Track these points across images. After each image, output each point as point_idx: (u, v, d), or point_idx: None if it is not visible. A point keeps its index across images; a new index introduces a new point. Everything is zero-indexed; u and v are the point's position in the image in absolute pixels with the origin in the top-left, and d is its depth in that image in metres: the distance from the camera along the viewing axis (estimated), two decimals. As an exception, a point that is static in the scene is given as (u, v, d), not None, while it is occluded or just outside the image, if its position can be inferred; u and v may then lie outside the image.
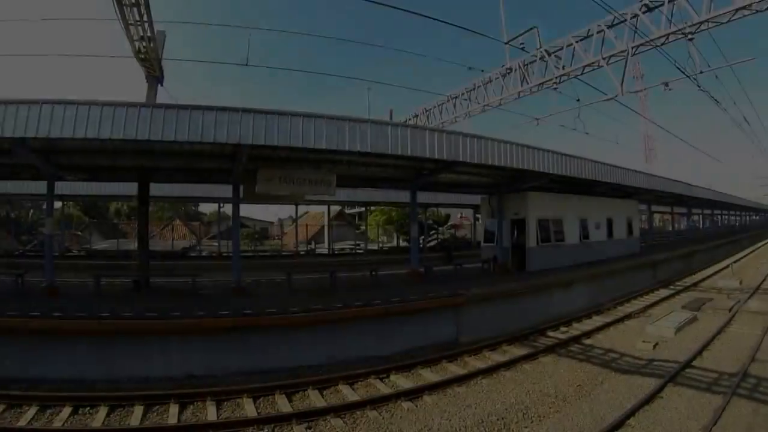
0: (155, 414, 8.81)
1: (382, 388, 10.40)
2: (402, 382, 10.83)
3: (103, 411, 8.74)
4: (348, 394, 10.05)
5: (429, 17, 11.95)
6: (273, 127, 11.89)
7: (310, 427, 8.44)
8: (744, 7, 12.52)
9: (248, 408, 9.14)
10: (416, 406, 9.42)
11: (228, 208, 28.97)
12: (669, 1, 13.83)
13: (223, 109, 11.52)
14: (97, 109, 10.70)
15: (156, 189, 22.79)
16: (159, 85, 16.22)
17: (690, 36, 13.82)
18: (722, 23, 13.36)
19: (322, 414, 8.83)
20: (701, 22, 13.37)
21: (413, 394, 9.91)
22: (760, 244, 58.96)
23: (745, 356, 12.19)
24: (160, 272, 19.66)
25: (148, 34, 14.40)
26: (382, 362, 12.21)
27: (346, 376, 10.82)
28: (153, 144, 12.32)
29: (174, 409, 8.90)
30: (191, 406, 9.17)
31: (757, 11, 12.60)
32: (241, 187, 15.89)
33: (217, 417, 8.74)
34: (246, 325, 11.54)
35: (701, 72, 14.98)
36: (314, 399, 9.77)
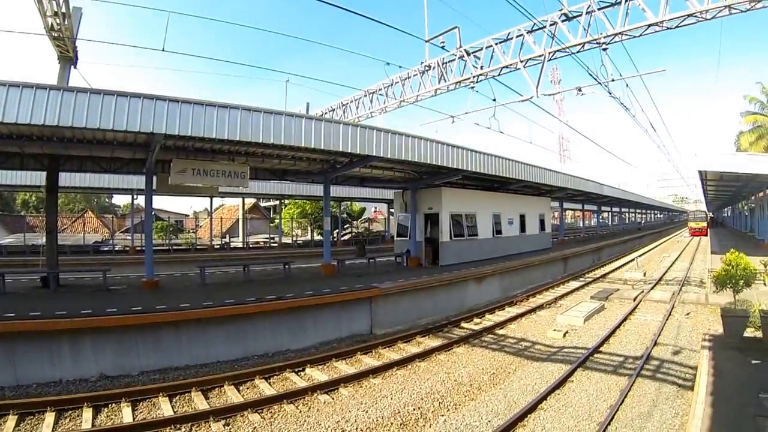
0: (68, 420, 8.33)
1: (299, 382, 10.38)
2: (318, 375, 10.85)
3: (11, 420, 8.15)
4: (265, 388, 9.96)
5: (352, 11, 11.89)
6: (187, 117, 11.58)
7: (228, 424, 8.30)
8: (655, 24, 13.25)
9: (164, 407, 8.86)
10: (333, 399, 9.47)
11: (143, 200, 28.03)
12: (586, 13, 14.40)
13: (137, 95, 11.07)
14: (2, 90, 9.94)
15: (66, 179, 21.86)
16: (72, 66, 15.34)
17: (604, 46, 14.45)
18: (635, 36, 14.07)
19: (240, 410, 8.72)
20: (615, 34, 14.02)
21: (330, 386, 9.97)
22: (663, 239, 62.83)
23: (648, 341, 13.14)
24: (70, 268, 18.77)
25: (63, 9, 13.49)
26: (298, 355, 12.25)
27: (262, 371, 10.72)
28: (63, 130, 11.77)
29: (87, 413, 8.47)
30: (105, 409, 8.75)
31: (668, 28, 13.37)
32: (155, 179, 15.39)
33: (133, 419, 8.39)
34: (158, 320, 11.13)
35: (612, 80, 15.68)
36: (231, 395, 9.62)
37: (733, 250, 11.29)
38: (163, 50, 14.44)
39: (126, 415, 8.52)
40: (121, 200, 68.09)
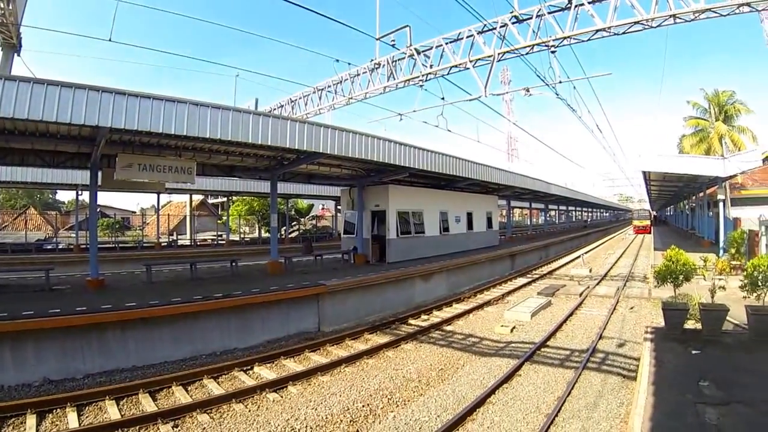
0: (10, 427, 8.03)
1: (247, 380, 10.34)
2: (266, 373, 10.84)
3: (-49, 431, 7.84)
4: (213, 388, 9.89)
5: (303, 7, 11.79)
6: (134, 110, 11.20)
7: (176, 426, 8.20)
8: (603, 29, 13.66)
9: (111, 411, 8.66)
10: (282, 397, 9.48)
11: (88, 197, 27.22)
12: (537, 16, 14.73)
13: (82, 87, 10.59)
14: (-64, 78, 9.48)
15: (7, 173, 21.00)
16: (15, 54, 14.73)
17: (553, 49, 14.79)
18: (583, 41, 14.49)
19: (188, 411, 8.62)
20: (564, 38, 14.37)
21: (278, 384, 9.97)
22: (608, 237, 64.72)
23: (594, 334, 13.60)
24: (11, 267, 18.13)
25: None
26: (246, 354, 12.22)
27: (210, 370, 10.64)
28: (4, 121, 11.31)
29: (31, 420, 8.17)
30: (50, 415, 8.46)
31: (615, 34, 13.80)
32: (100, 174, 14.98)
33: (79, 424, 8.16)
34: (104, 320, 10.82)
35: (560, 82, 16.10)
36: (179, 395, 9.50)
37: (674, 246, 11.73)
38: (110, 40, 14.01)
39: (71, 420, 8.28)
40: (65, 196, 66.00)
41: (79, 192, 30.72)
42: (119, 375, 10.55)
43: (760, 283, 9.98)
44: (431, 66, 17.16)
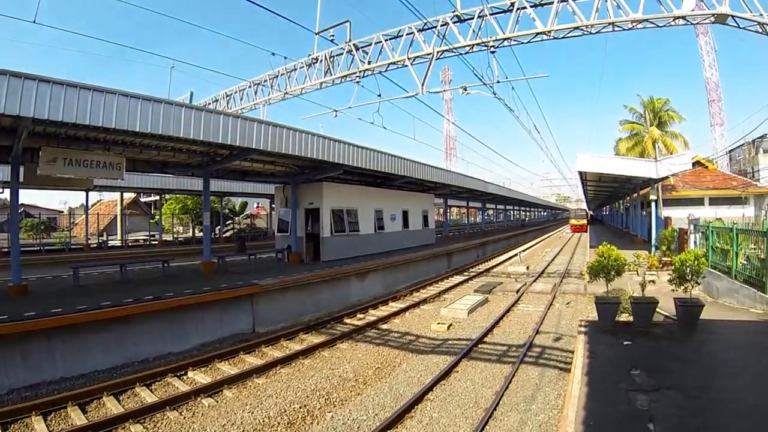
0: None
1: (181, 386, 10.07)
2: (201, 377, 10.61)
3: None
4: (146, 396, 9.56)
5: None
6: (59, 100, 10.54)
7: (109, 438, 7.87)
8: (543, 32, 14.06)
9: (38, 427, 8.21)
10: (217, 402, 9.29)
11: (8, 194, 25.79)
12: (478, 16, 15.01)
13: (2, 72, 9.82)
14: None
15: None
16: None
17: (492, 49, 15.07)
18: (523, 42, 14.86)
19: (120, 422, 8.29)
20: (504, 39, 14.70)
21: (213, 389, 9.77)
22: (546, 235, 66.50)
23: (531, 329, 13.97)
24: None
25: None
26: (180, 358, 11.95)
27: (142, 377, 10.29)
28: None
29: (-51, 442, 7.71)
30: (-29, 436, 7.99)
31: (555, 38, 14.25)
32: (22, 169, 14.19)
33: (4, 443, 7.75)
34: (27, 329, 10.21)
35: (498, 81, 16.43)
36: (111, 406, 9.10)
37: (606, 242, 12.12)
38: (34, 22, 13.21)
39: (-5, 439, 7.84)
40: (-17, 195, 62.53)
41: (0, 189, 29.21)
42: (46, 388, 10.02)
43: (687, 277, 10.46)
44: (369, 62, 17.21)
